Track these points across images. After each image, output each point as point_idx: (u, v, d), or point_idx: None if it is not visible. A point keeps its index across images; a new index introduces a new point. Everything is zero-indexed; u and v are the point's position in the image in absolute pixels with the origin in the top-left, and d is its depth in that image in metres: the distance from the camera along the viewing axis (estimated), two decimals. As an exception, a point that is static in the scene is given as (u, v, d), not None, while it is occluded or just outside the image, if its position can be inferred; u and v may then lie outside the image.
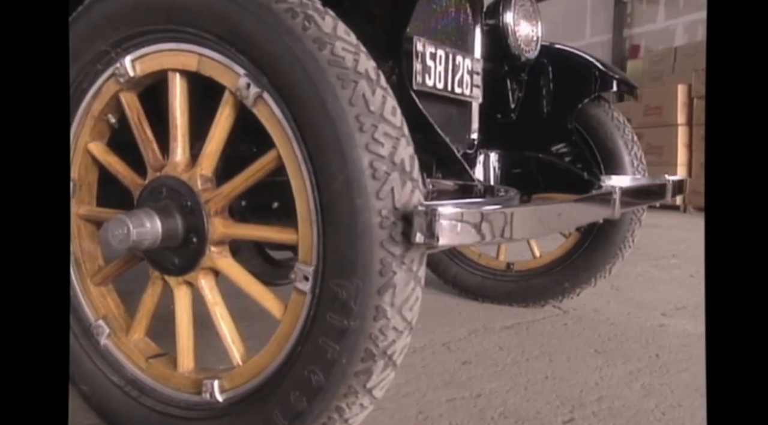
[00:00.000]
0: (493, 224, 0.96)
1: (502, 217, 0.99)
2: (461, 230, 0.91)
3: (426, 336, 2.06)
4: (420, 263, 0.95)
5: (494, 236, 0.96)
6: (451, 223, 0.88)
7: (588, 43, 11.50)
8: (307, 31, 0.93)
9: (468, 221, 0.91)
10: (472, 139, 1.98)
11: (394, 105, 0.94)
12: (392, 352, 0.95)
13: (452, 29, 1.84)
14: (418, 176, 0.94)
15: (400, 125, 0.94)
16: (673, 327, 2.19)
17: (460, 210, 0.90)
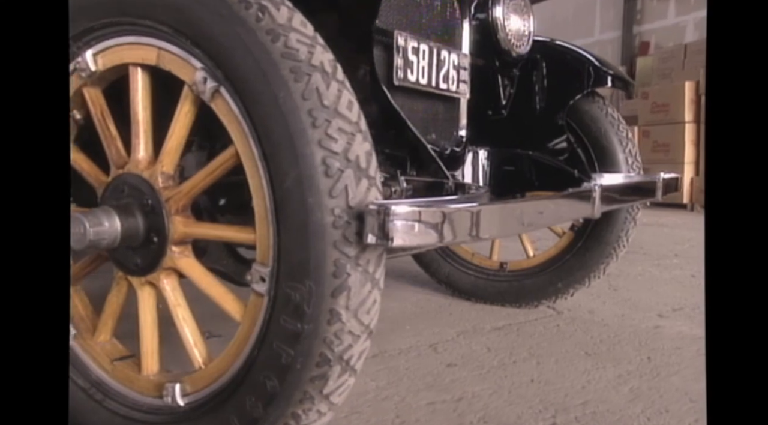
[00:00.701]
0: (456, 223, 0.91)
1: (466, 215, 0.95)
2: (419, 231, 0.87)
3: (413, 337, 2.02)
4: (377, 264, 0.91)
5: (456, 236, 0.92)
6: (407, 223, 0.84)
7: (597, 40, 11.41)
8: (261, 23, 0.89)
9: (427, 220, 0.87)
10: (459, 136, 1.93)
11: (350, 99, 0.90)
12: (349, 357, 0.91)
13: (438, 24, 1.79)
14: (376, 174, 0.90)
15: (356, 120, 0.90)
16: (668, 328, 2.14)
17: (416, 209, 0.86)
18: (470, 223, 0.96)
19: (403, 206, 0.84)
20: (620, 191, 1.52)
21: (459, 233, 0.93)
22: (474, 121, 2.06)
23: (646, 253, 3.67)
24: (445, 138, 1.88)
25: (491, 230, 0.99)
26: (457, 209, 0.93)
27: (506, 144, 2.08)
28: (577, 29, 11.64)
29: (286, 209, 0.88)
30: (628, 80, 2.19)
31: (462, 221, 0.93)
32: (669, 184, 1.85)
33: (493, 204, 1.02)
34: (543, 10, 12.45)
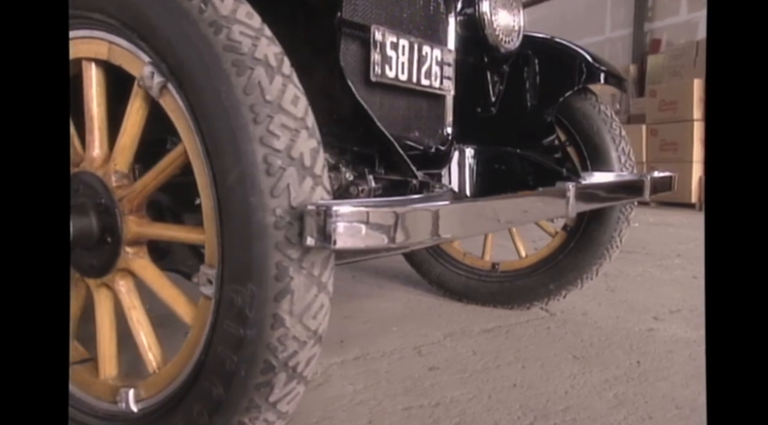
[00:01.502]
0: (410, 224, 0.87)
1: (423, 215, 0.90)
2: (367, 232, 0.82)
3: (399, 339, 1.98)
4: (324, 267, 0.87)
5: (411, 237, 0.88)
6: (352, 224, 0.80)
7: (608, 38, 11.29)
8: (204, 14, 0.86)
9: (376, 221, 0.83)
10: (445, 134, 1.89)
11: (296, 94, 0.86)
12: (295, 364, 0.87)
13: (421, 19, 1.75)
14: (323, 172, 0.86)
15: (302, 116, 0.86)
16: (662, 331, 2.08)
17: (363, 210, 0.82)
18: (429, 223, 0.91)
19: (347, 206, 0.80)
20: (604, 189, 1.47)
21: (414, 234, 0.89)
22: (462, 118, 2.01)
23: (648, 253, 3.61)
24: (429, 136, 1.84)
25: (453, 230, 0.95)
26: (412, 209, 0.89)
27: (495, 142, 2.03)
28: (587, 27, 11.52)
29: (228, 209, 0.84)
30: (621, 77, 2.13)
31: (418, 221, 0.89)
32: (661, 183, 1.79)
33: (454, 203, 0.97)
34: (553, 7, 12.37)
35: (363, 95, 1.57)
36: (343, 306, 2.37)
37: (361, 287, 2.70)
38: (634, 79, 9.97)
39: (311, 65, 1.22)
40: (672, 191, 1.98)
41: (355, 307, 2.37)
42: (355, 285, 2.75)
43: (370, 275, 2.95)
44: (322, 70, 1.23)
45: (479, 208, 1.01)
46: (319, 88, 1.22)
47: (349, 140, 1.28)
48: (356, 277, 2.91)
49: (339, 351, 1.86)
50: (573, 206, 1.21)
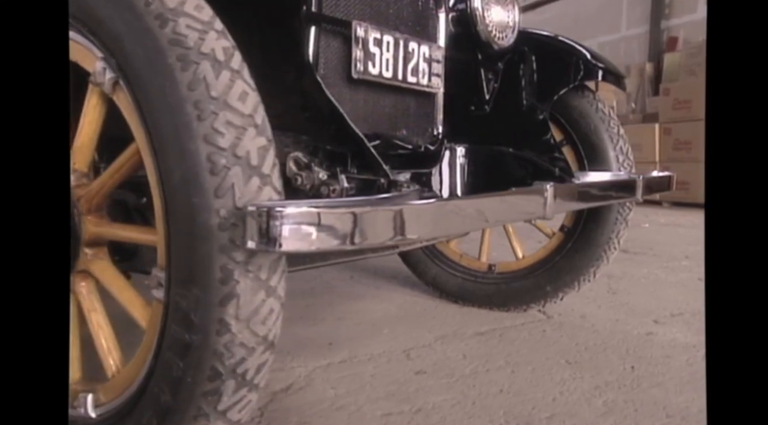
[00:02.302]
0: (368, 225, 0.83)
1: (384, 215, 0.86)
2: (319, 234, 0.79)
3: (389, 341, 1.94)
4: (273, 270, 0.83)
5: (366, 239, 0.84)
6: (300, 226, 0.76)
7: (623, 36, 11.15)
8: (150, 7, 0.82)
9: (327, 223, 0.79)
10: (435, 133, 1.84)
11: (244, 90, 0.83)
12: (244, 371, 0.84)
13: (408, 14, 1.70)
14: (273, 171, 0.83)
15: (249, 113, 0.82)
16: (661, 335, 2.02)
17: (313, 210, 0.78)
18: (389, 223, 0.87)
19: (294, 207, 0.76)
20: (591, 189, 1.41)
21: (373, 236, 0.85)
22: (454, 117, 1.96)
23: (655, 254, 3.53)
24: (417, 135, 1.80)
25: (416, 231, 0.91)
26: (368, 210, 0.85)
27: (489, 141, 1.98)
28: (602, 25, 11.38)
29: (173, 210, 0.81)
30: (620, 74, 2.07)
31: (377, 222, 0.85)
32: (657, 183, 1.73)
33: (419, 203, 0.93)
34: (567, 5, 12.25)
35: (345, 93, 1.54)
36: (336, 308, 2.34)
37: (358, 288, 2.67)
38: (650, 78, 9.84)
39: (281, 61, 1.18)
40: (671, 191, 1.92)
41: (349, 308, 2.33)
42: (352, 286, 2.71)
43: (368, 275, 2.91)
44: (291, 66, 1.19)
45: (448, 208, 0.97)
46: (289, 85, 1.18)
47: (321, 139, 1.25)
48: (354, 277, 2.87)
49: (326, 354, 1.82)
50: (551, 207, 1.16)
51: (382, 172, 1.17)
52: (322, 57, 1.47)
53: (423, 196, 1.12)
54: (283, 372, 1.68)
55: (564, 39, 2.12)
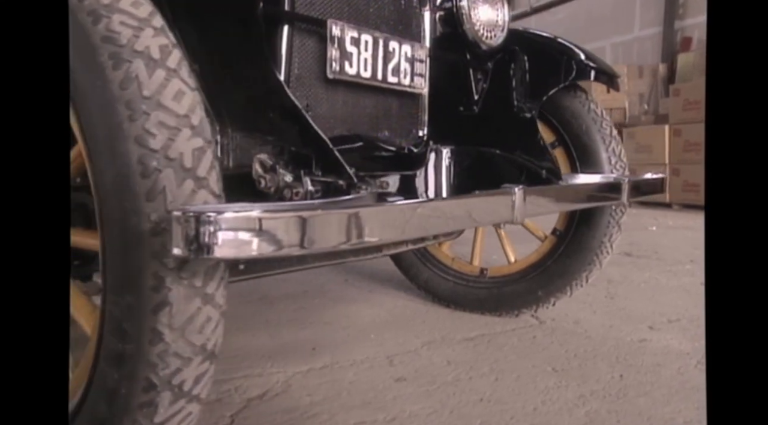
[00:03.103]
0: (313, 229, 0.80)
1: (330, 219, 0.83)
2: (259, 239, 0.75)
3: (374, 347, 1.90)
4: (210, 277, 0.80)
5: (317, 243, 0.80)
6: (236, 231, 0.73)
7: (636, 37, 11.03)
8: (84, 2, 0.80)
9: (268, 228, 0.75)
10: (420, 134, 1.81)
11: (180, 89, 0.79)
12: (180, 382, 0.80)
13: (390, 13, 1.67)
14: (210, 174, 0.79)
15: (184, 113, 0.79)
16: (655, 342, 1.97)
17: (250, 215, 0.74)
18: (337, 227, 0.84)
19: (229, 211, 0.73)
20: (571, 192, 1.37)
21: (320, 240, 0.81)
22: (441, 118, 1.93)
23: (659, 258, 3.46)
24: (401, 136, 1.76)
25: (369, 235, 0.87)
26: (310, 215, 0.81)
27: (477, 142, 1.94)
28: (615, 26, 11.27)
29: (106, 213, 0.78)
30: (613, 74, 2.02)
31: (319, 225, 0.81)
32: (646, 185, 1.68)
33: (372, 206, 0.90)
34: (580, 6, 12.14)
35: (321, 93, 1.51)
36: (326, 312, 2.31)
37: (351, 292, 2.63)
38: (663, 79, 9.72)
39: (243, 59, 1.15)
40: (661, 193, 1.86)
41: (338, 313, 2.30)
42: (345, 289, 2.68)
43: (363, 278, 2.88)
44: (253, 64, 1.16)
45: (404, 211, 0.93)
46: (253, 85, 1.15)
47: (286, 140, 1.21)
48: (349, 281, 2.84)
49: (308, 359, 1.79)
50: (521, 211, 1.11)
51: (345, 174, 1.14)
52: (297, 56, 1.44)
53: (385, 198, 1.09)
54: (262, 377, 1.65)
55: (556, 38, 2.07)
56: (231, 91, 1.21)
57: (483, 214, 1.07)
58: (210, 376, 0.84)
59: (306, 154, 1.18)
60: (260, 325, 2.12)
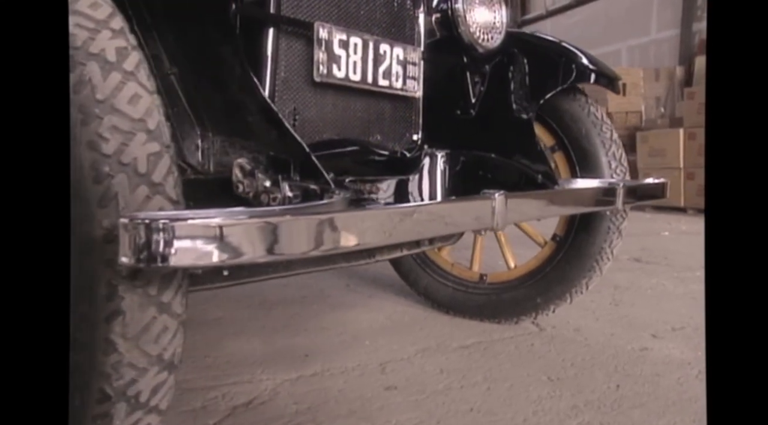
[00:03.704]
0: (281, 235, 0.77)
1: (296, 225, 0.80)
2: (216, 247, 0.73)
3: (367, 354, 1.88)
4: (165, 285, 0.78)
5: (283, 250, 0.78)
6: (189, 239, 0.71)
7: (653, 39, 10.91)
8: (41, 6, 0.78)
9: (222, 234, 0.73)
10: (413, 138, 1.78)
11: (136, 92, 0.78)
12: (135, 393, 0.78)
13: (382, 15, 1.64)
14: (166, 179, 0.77)
15: (140, 117, 0.77)
16: (656, 351, 1.92)
17: (206, 222, 0.72)
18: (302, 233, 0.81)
19: (183, 218, 0.70)
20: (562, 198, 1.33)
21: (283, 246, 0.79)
22: (438, 121, 1.90)
23: (669, 264, 3.40)
24: (394, 140, 1.74)
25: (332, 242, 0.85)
26: (275, 221, 0.79)
27: (474, 146, 1.91)
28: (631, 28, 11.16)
29: (59, 220, 0.76)
30: (613, 77, 1.98)
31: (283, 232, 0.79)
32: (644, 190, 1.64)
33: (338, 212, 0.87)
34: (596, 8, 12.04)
35: (310, 97, 1.49)
36: (323, 317, 2.28)
37: (351, 297, 2.61)
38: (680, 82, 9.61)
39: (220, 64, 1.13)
40: (663, 198, 1.82)
41: (336, 318, 2.27)
42: (345, 294, 2.66)
43: (365, 283, 2.86)
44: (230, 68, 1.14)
45: (374, 216, 0.90)
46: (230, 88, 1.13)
47: (265, 144, 1.19)
48: (350, 286, 2.82)
49: (299, 366, 1.77)
50: (501, 218, 1.08)
51: (322, 180, 1.11)
52: (283, 59, 1.42)
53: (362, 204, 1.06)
54: (251, 384, 1.63)
55: (556, 41, 2.04)
56: (210, 94, 1.19)
57: (460, 220, 1.04)
58: (170, 386, 0.82)
59: (284, 158, 1.16)
60: (255, 330, 2.10)
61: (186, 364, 1.75)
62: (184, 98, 1.19)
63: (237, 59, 1.10)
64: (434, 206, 1.00)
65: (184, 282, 0.81)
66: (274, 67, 1.40)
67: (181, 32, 1.13)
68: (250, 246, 0.76)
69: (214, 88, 1.16)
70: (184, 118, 1.21)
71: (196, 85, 1.18)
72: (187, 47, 1.14)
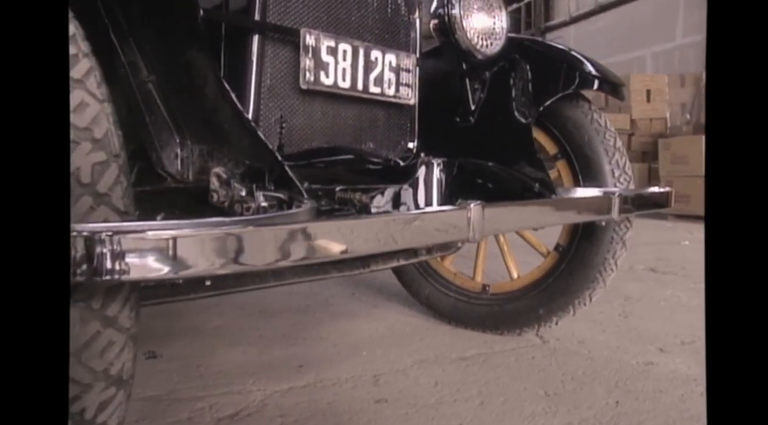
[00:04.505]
0: (213, 248, 0.75)
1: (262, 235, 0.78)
2: (150, 259, 0.71)
3: (363, 365, 1.84)
4: (111, 298, 0.75)
5: (240, 262, 0.76)
6: (130, 252, 0.69)
7: (678, 45, 10.76)
8: (-11, 13, 0.76)
9: (155, 247, 0.71)
10: (409, 146, 1.75)
11: (83, 100, 0.76)
12: (80, 410, 0.76)
13: (375, 21, 1.62)
14: (112, 190, 0.75)
15: (85, 126, 0.75)
16: (661, 366, 1.86)
17: (150, 234, 0.70)
18: (257, 245, 0.79)
19: (126, 230, 0.68)
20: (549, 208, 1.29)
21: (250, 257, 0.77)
22: (435, 128, 1.87)
23: (686, 274, 3.31)
24: (388, 148, 1.71)
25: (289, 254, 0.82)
26: (247, 231, 0.77)
27: (472, 154, 1.87)
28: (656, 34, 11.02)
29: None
30: (617, 83, 1.92)
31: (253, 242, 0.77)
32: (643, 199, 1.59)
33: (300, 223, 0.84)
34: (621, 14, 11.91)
35: (297, 104, 1.47)
36: (323, 327, 2.26)
37: (355, 306, 2.58)
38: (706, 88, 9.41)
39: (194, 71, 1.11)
40: (667, 207, 1.76)
41: (337, 328, 2.24)
42: (349, 303, 2.63)
43: (371, 292, 2.82)
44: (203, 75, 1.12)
45: (342, 227, 0.87)
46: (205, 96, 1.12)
47: (240, 153, 1.17)
48: (355, 294, 2.79)
49: (292, 377, 1.74)
50: (478, 229, 1.04)
51: (295, 189, 1.09)
52: (269, 67, 1.41)
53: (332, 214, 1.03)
54: (240, 395, 1.61)
55: (559, 47, 1.99)
56: (188, 102, 1.17)
57: (434, 231, 1.01)
58: (119, 402, 0.80)
59: (259, 168, 1.14)
60: (253, 339, 2.09)
61: (178, 374, 1.74)
62: (162, 106, 1.17)
63: (208, 66, 1.08)
64: (403, 216, 0.97)
65: (132, 295, 0.79)
66: (259, 74, 1.38)
67: (157, 39, 1.11)
68: (196, 259, 0.73)
69: (190, 96, 1.15)
70: (163, 126, 1.19)
71: (174, 93, 1.16)
72: (163, 55, 1.13)
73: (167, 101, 1.18)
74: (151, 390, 1.62)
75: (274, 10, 1.40)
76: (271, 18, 1.39)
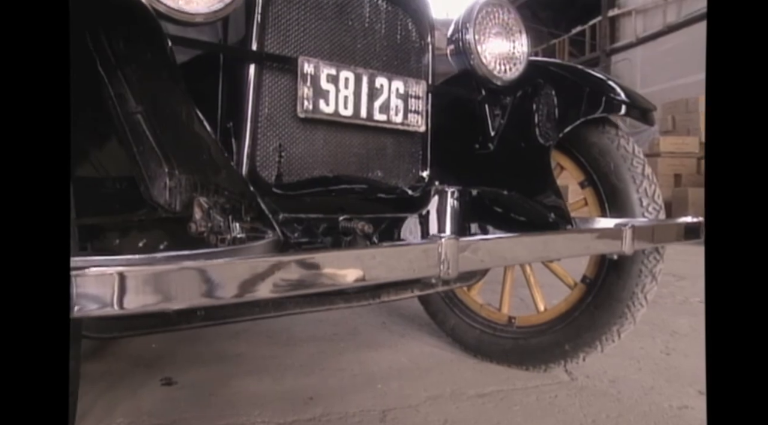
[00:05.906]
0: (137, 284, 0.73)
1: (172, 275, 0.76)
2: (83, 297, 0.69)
3: (374, 399, 1.79)
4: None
5: (152, 302, 0.73)
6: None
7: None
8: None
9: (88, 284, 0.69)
10: (420, 174, 1.71)
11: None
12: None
13: (383, 48, 1.60)
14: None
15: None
16: (697, 411, 1.72)
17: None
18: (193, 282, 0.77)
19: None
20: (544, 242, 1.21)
21: (172, 296, 0.75)
22: (452, 157, 1.83)
23: (743, 309, 3.10)
24: (397, 177, 1.67)
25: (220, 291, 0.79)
26: (172, 268, 0.75)
27: (492, 182, 1.81)
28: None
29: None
30: (647, 108, 1.83)
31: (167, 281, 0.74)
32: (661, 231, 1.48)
33: (262, 257, 0.81)
34: (687, 35, 11.54)
35: (297, 132, 1.46)
36: (344, 357, 2.22)
37: (383, 336, 2.53)
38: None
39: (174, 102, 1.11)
40: (698, 239, 1.64)
41: (357, 358, 2.20)
42: (377, 333, 2.58)
43: (402, 321, 2.77)
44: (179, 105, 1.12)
45: (291, 264, 0.84)
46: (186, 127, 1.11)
47: (220, 184, 1.16)
48: (386, 324, 2.74)
49: (300, 409, 1.70)
50: (452, 265, 0.98)
51: (267, 222, 1.06)
52: (267, 95, 1.41)
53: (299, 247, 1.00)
54: (243, 427, 1.59)
55: (585, 70, 1.91)
56: (173, 133, 1.17)
57: (399, 267, 0.95)
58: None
59: (238, 198, 1.12)
60: (271, 369, 2.07)
61: (187, 402, 1.73)
62: (150, 137, 1.18)
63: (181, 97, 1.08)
64: (364, 250, 0.92)
65: (75, 331, 0.78)
66: (256, 103, 1.38)
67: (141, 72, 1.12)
68: (135, 296, 0.72)
69: (171, 127, 1.15)
70: (152, 156, 1.20)
71: (160, 123, 1.17)
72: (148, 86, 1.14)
73: (155, 132, 1.18)
74: (156, 418, 1.62)
75: (272, 40, 1.40)
76: (269, 47, 1.39)
